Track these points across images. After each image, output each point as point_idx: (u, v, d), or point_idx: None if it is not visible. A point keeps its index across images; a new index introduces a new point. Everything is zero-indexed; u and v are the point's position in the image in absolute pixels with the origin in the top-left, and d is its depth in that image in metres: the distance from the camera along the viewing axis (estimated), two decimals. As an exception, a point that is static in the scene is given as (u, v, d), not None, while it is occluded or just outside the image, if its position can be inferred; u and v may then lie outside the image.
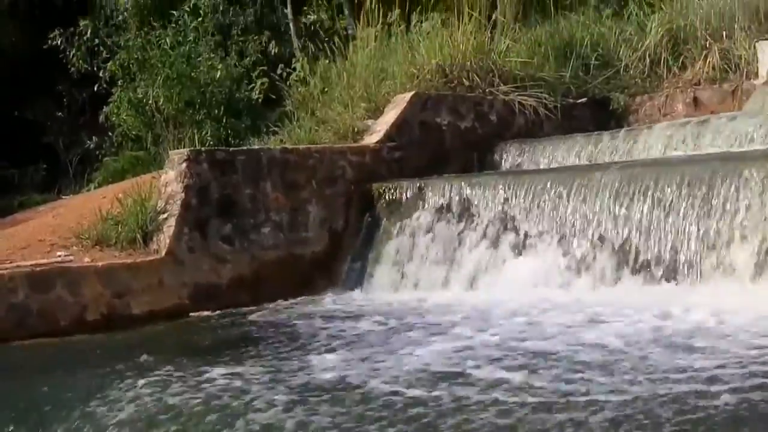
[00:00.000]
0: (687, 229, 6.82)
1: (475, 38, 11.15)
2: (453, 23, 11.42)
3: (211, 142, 13.14)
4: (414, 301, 7.86)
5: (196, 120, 14.22)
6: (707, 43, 11.24)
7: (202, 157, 8.78)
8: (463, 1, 11.56)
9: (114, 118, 15.55)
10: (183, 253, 8.50)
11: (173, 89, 14.40)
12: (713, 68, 11.02)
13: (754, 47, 10.73)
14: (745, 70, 10.76)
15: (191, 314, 8.26)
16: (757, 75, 10.60)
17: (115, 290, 8.08)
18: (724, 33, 11.20)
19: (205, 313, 8.28)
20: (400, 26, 12.09)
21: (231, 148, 10.05)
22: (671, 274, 6.86)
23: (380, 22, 11.94)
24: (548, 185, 7.95)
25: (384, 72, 11.17)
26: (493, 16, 11.84)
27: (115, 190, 9.67)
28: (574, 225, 7.62)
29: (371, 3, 11.86)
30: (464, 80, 10.89)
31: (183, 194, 8.58)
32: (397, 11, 12.34)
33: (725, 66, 10.99)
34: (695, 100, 10.89)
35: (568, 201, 7.72)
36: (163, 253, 8.39)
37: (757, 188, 6.49)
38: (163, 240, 8.44)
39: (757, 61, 10.65)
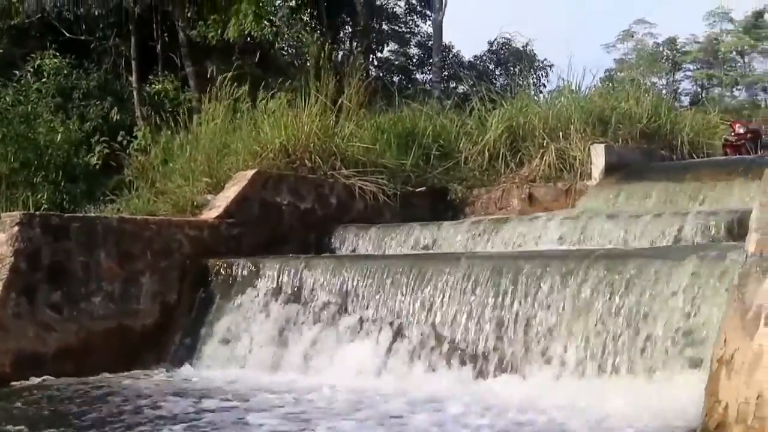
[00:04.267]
0: (511, 323, 6.98)
1: (320, 120, 11.27)
2: (299, 104, 11.51)
3: (46, 206, 12.87)
4: (240, 381, 7.75)
5: (31, 182, 13.95)
6: (545, 142, 11.62)
7: (36, 222, 8.56)
8: (309, 83, 11.67)
9: (-57, 173, 15.12)
10: (8, 319, 8.23)
11: (9, 148, 14.11)
12: (549, 166, 11.36)
13: (588, 149, 11.11)
14: (579, 170, 11.12)
15: (12, 383, 7.97)
16: (590, 176, 10.98)
17: (-67, 353, 7.78)
18: (561, 133, 11.58)
19: (27, 382, 8.01)
20: (246, 103, 12.11)
21: (66, 214, 9.82)
22: (500, 367, 6.96)
23: (226, 97, 11.95)
24: (383, 271, 8.03)
25: (227, 147, 11.16)
26: (339, 101, 11.96)
27: (-61, 249, 9.33)
28: (407, 313, 7.68)
29: (218, 77, 11.87)
30: (307, 161, 10.96)
31: (12, 258, 8.35)
32: (244, 87, 12.35)
33: (560, 165, 11.34)
34: (530, 196, 11.19)
35: (402, 288, 7.79)
36: (-13, 317, 8.14)
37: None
38: (-12, 304, 8.19)
39: (591, 163, 11.03)
